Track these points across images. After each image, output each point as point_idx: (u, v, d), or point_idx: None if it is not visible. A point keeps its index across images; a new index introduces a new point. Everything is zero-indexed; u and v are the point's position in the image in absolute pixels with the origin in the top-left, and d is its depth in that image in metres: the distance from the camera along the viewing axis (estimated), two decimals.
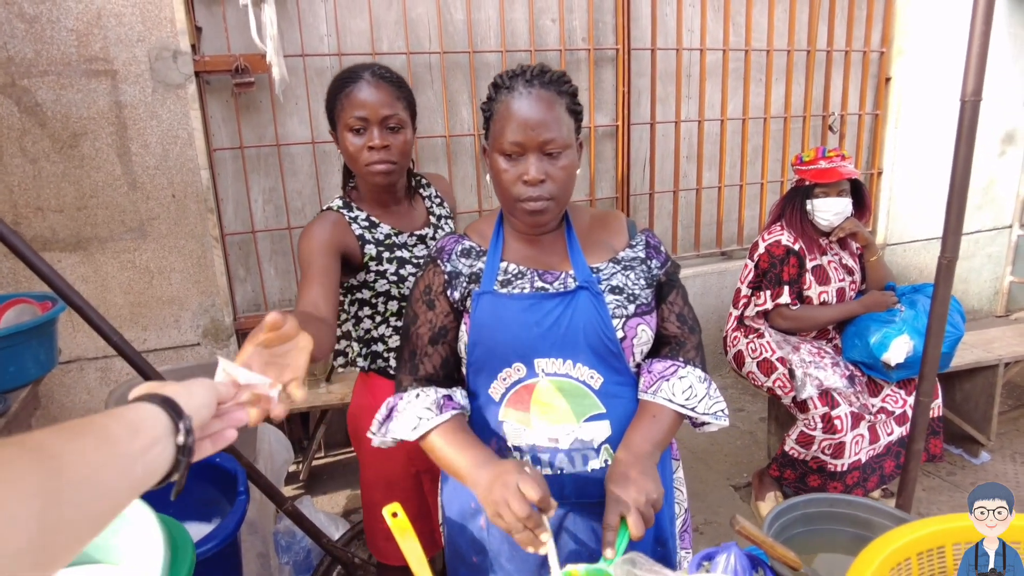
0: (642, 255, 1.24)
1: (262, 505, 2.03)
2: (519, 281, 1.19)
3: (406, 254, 1.51)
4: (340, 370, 1.59)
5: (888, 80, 3.89)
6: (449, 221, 1.64)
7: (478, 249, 1.25)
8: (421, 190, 1.62)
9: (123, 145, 2.59)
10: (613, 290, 1.17)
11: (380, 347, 1.54)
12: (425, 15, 3.00)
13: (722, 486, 2.84)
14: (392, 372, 1.54)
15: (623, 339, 1.15)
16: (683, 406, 1.16)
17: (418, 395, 1.18)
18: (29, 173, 2.52)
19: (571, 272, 1.19)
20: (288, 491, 2.85)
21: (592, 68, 3.27)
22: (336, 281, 1.35)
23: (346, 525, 2.35)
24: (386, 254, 1.48)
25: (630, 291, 1.18)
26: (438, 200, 1.64)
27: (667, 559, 1.26)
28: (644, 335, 1.18)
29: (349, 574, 2.04)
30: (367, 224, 1.48)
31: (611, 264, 1.21)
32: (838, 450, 2.31)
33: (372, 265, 1.46)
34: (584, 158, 3.37)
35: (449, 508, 1.32)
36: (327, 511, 2.47)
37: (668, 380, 1.18)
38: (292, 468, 3.03)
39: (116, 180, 2.60)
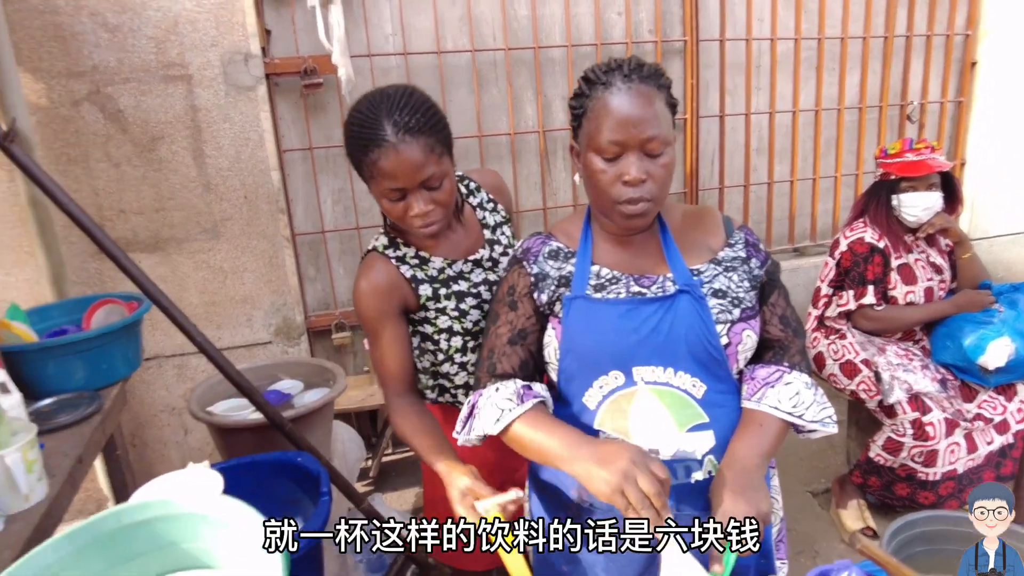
0: (743, 254, 1.18)
1: (338, 503, 2.04)
2: (614, 286, 1.14)
3: (464, 285, 1.39)
4: None
5: (973, 65, 3.67)
6: (506, 228, 1.49)
7: (566, 251, 1.21)
8: (470, 199, 1.47)
9: (197, 148, 2.65)
10: (716, 293, 1.12)
11: (446, 382, 1.46)
12: (489, 12, 2.97)
13: (799, 492, 2.73)
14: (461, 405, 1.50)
15: (727, 345, 1.10)
16: (790, 413, 1.10)
17: (497, 389, 1.15)
18: (112, 177, 2.60)
19: (669, 275, 1.14)
20: (359, 488, 2.88)
21: (660, 61, 3.19)
22: (408, 340, 1.38)
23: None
24: (443, 291, 1.37)
25: (734, 294, 1.13)
26: (490, 206, 1.49)
27: (769, 571, 1.20)
28: (749, 341, 1.13)
29: (423, 574, 2.04)
30: (417, 261, 1.36)
31: (712, 266, 1.16)
32: (930, 458, 2.18)
33: (430, 304, 1.36)
34: None
35: (540, 512, 1.29)
36: (398, 508, 2.49)
37: (773, 387, 1.12)
38: (363, 465, 3.06)
39: (191, 182, 2.67)
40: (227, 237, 2.74)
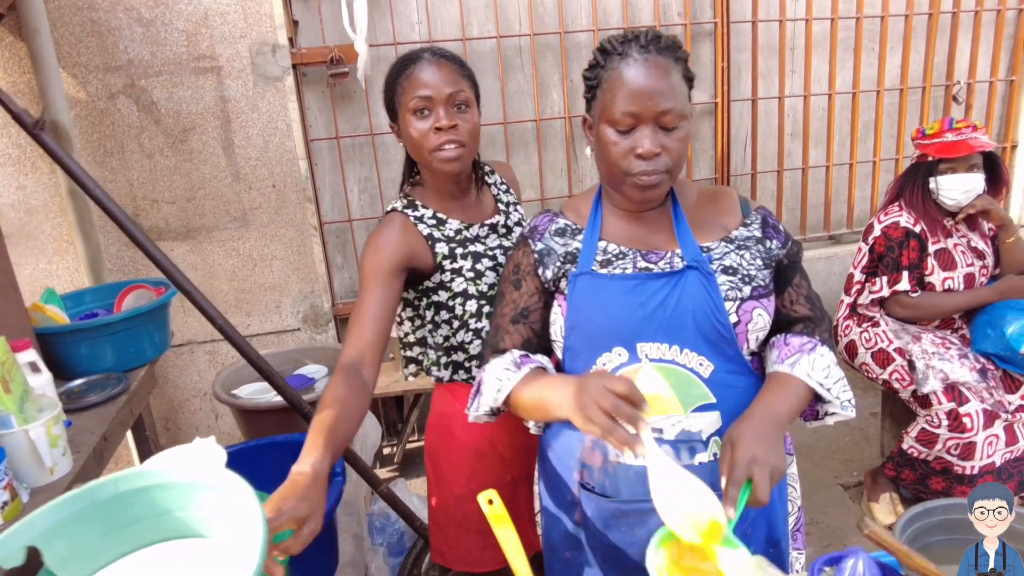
0: (758, 234, 1.14)
1: (357, 486, 2.07)
2: (620, 261, 1.12)
3: (480, 248, 1.40)
4: (411, 378, 1.51)
5: None
6: (518, 207, 1.53)
7: (574, 227, 1.19)
8: (487, 178, 1.51)
9: (227, 138, 2.70)
10: (726, 270, 1.09)
11: (461, 356, 1.43)
12: None
13: (830, 485, 2.66)
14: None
15: (736, 324, 1.07)
16: (821, 384, 1.07)
17: (497, 362, 1.15)
18: (146, 167, 2.67)
19: (678, 251, 1.12)
20: (382, 473, 2.91)
21: (689, 44, 3.12)
22: (392, 310, 1.28)
23: None
24: (459, 250, 1.37)
25: (745, 272, 1.09)
26: (504, 187, 1.54)
27: (780, 561, 1.17)
28: (760, 320, 1.09)
29: None
30: (434, 222, 1.37)
31: (723, 243, 1.12)
32: (967, 451, 2.10)
33: (446, 264, 1.36)
34: None
35: (545, 500, 1.28)
36: (420, 494, 2.50)
37: (808, 355, 1.09)
38: (388, 451, 3.10)
39: (221, 172, 2.72)
40: (256, 226, 2.80)
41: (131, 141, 2.64)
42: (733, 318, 1.06)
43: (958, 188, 2.22)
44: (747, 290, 1.08)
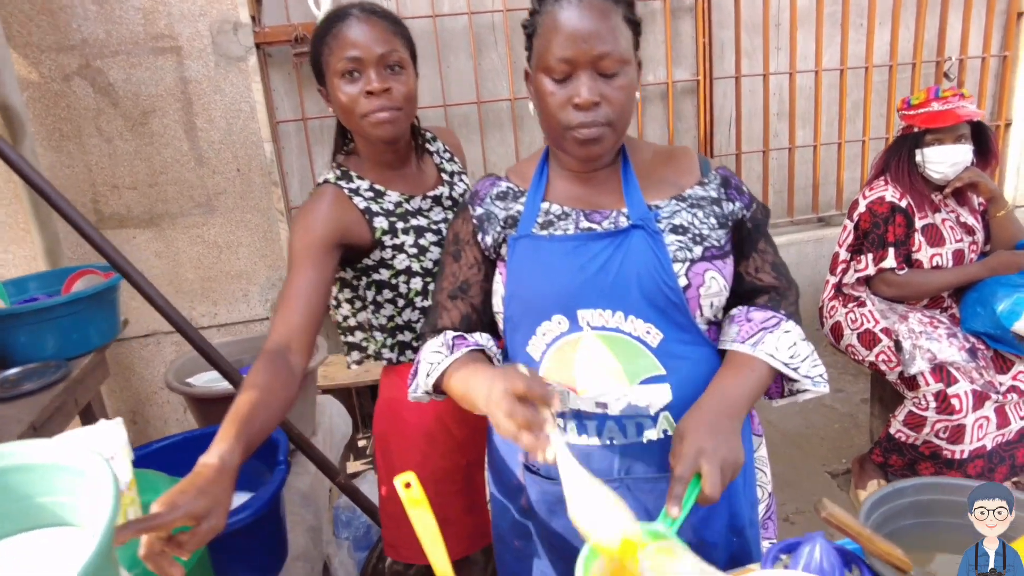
0: (715, 194, 1.04)
1: (318, 478, 1.98)
2: (562, 222, 1.03)
3: (423, 221, 1.29)
4: (354, 366, 1.40)
5: (1020, 15, 3.39)
6: (464, 177, 1.43)
7: (516, 190, 1.10)
8: (428, 146, 1.41)
9: (189, 121, 2.61)
10: (675, 230, 0.99)
11: (408, 335, 1.33)
12: None
13: (817, 473, 2.56)
14: None
15: (687, 288, 0.97)
16: (786, 364, 0.97)
17: (430, 343, 1.06)
18: (105, 152, 2.58)
19: (624, 210, 1.02)
20: (356, 466, 2.82)
21: (668, 19, 3.01)
22: (325, 292, 1.18)
23: None
24: (400, 224, 1.26)
25: (696, 231, 0.99)
26: (447, 155, 1.43)
27: (744, 551, 1.07)
28: (714, 284, 0.99)
29: None
30: (371, 195, 1.26)
31: (674, 201, 1.02)
32: (956, 434, 2.00)
33: (386, 240, 1.25)
34: (662, 116, 3.14)
35: (492, 486, 1.19)
36: None
37: (771, 332, 0.99)
38: (363, 443, 3.00)
39: (184, 156, 2.63)
40: (221, 211, 2.70)
41: (88, 124, 2.54)
42: (683, 281, 0.97)
43: (945, 160, 2.12)
44: (698, 251, 0.98)
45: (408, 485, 0.83)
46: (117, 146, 2.58)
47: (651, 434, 0.97)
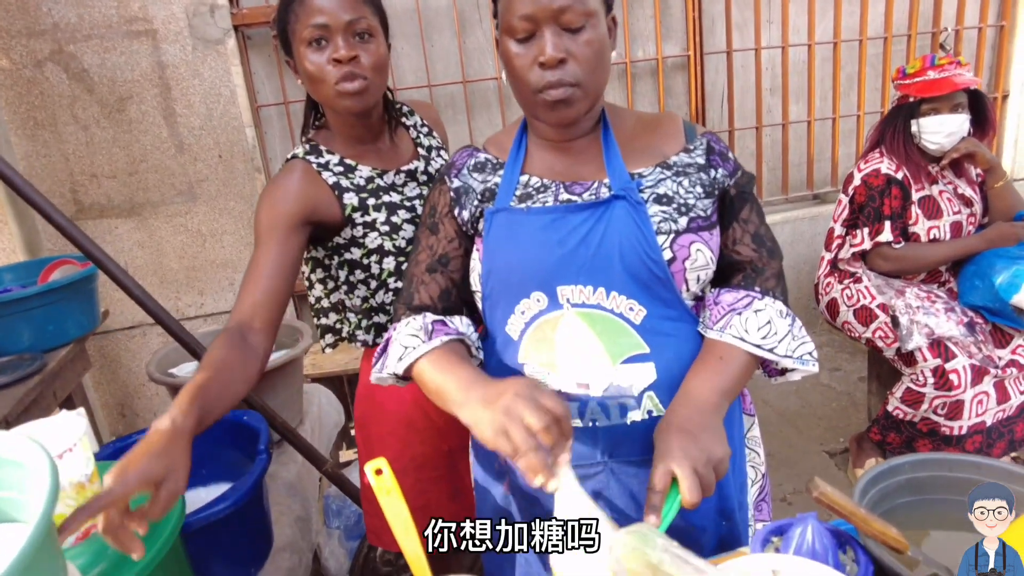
0: (701, 161, 0.98)
1: (306, 468, 1.94)
2: (541, 195, 0.98)
3: (396, 197, 1.24)
4: (329, 350, 1.36)
5: None
6: (443, 152, 1.38)
7: (495, 162, 1.04)
8: (404, 119, 1.35)
9: (168, 107, 2.54)
10: (659, 199, 0.94)
11: (383, 317, 1.29)
12: None
13: (815, 452, 2.53)
14: None
15: (671, 261, 0.92)
16: (759, 346, 0.92)
17: (408, 323, 1.00)
18: (82, 140, 2.52)
19: (605, 180, 0.97)
20: (348, 455, 2.78)
21: None
22: (290, 270, 1.13)
23: None
24: (371, 201, 1.21)
25: (682, 200, 0.94)
26: (425, 129, 1.37)
27: (734, 535, 1.03)
28: (701, 257, 0.94)
29: None
30: (341, 169, 1.21)
31: (659, 169, 0.97)
32: (954, 410, 1.96)
33: (357, 217, 1.20)
34: (652, 93, 3.07)
35: (476, 471, 1.15)
36: None
37: (740, 314, 0.94)
38: (355, 431, 2.97)
39: (163, 143, 2.57)
40: (204, 199, 2.65)
41: (63, 112, 2.48)
42: (667, 254, 0.92)
43: (941, 130, 2.07)
44: (683, 221, 0.93)
45: (379, 472, 0.79)
46: (94, 134, 2.52)
47: (635, 415, 0.93)
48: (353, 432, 2.92)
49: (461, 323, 1.03)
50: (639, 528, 0.68)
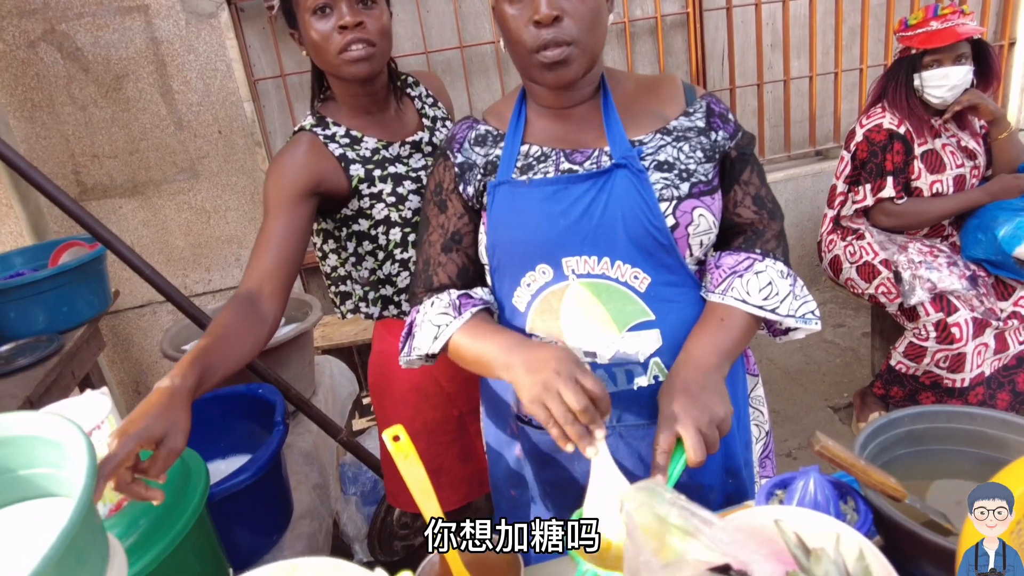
0: (701, 124, 0.99)
1: (321, 438, 1.99)
2: (542, 165, 0.98)
3: (401, 168, 1.26)
4: (348, 315, 1.38)
5: None
6: (448, 123, 1.38)
7: (495, 133, 1.05)
8: (409, 90, 1.36)
9: (164, 83, 2.53)
10: (660, 166, 0.95)
11: (389, 289, 1.31)
12: None
13: (819, 408, 2.58)
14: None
15: (674, 227, 0.94)
16: (760, 307, 0.94)
17: (433, 303, 1.02)
18: (80, 120, 2.51)
19: (606, 148, 0.97)
20: (362, 423, 2.84)
21: None
22: (299, 240, 1.15)
23: None
24: (377, 172, 1.23)
25: (683, 166, 0.95)
26: (430, 100, 1.38)
27: (741, 491, 1.07)
28: (703, 222, 0.96)
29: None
30: (348, 141, 1.23)
31: (659, 136, 0.97)
32: (956, 363, 1.99)
33: (363, 188, 1.22)
34: (651, 52, 3.04)
35: (487, 434, 1.18)
36: None
37: (741, 276, 0.96)
38: (367, 400, 3.02)
39: (162, 120, 2.56)
40: (206, 175, 2.65)
41: (60, 92, 2.47)
42: (670, 221, 0.93)
43: (945, 83, 2.05)
44: (685, 188, 0.94)
45: (396, 438, 0.82)
46: (92, 113, 2.52)
47: (641, 381, 0.96)
48: (365, 401, 2.98)
49: (484, 293, 1.05)
50: (648, 484, 0.71)
